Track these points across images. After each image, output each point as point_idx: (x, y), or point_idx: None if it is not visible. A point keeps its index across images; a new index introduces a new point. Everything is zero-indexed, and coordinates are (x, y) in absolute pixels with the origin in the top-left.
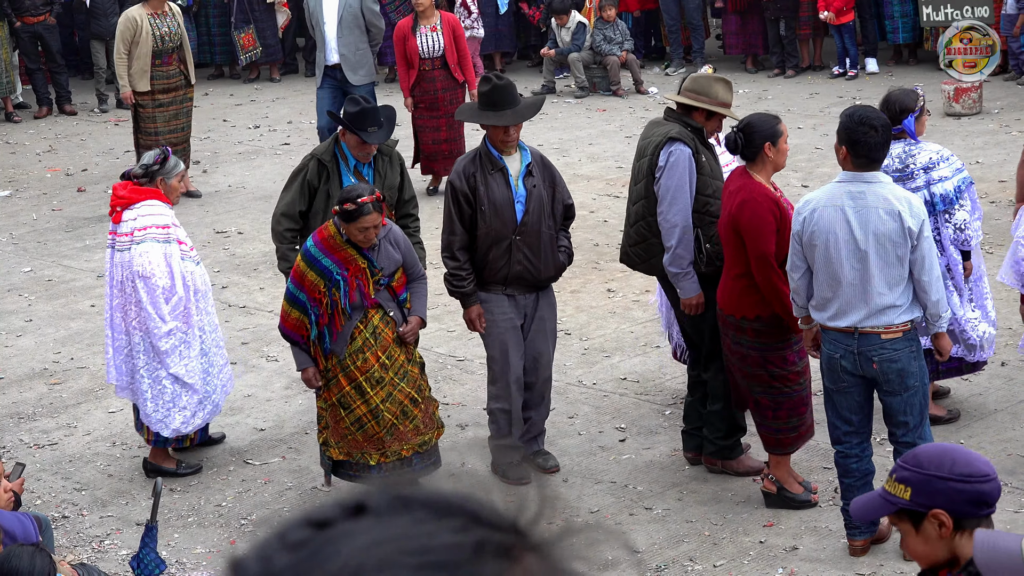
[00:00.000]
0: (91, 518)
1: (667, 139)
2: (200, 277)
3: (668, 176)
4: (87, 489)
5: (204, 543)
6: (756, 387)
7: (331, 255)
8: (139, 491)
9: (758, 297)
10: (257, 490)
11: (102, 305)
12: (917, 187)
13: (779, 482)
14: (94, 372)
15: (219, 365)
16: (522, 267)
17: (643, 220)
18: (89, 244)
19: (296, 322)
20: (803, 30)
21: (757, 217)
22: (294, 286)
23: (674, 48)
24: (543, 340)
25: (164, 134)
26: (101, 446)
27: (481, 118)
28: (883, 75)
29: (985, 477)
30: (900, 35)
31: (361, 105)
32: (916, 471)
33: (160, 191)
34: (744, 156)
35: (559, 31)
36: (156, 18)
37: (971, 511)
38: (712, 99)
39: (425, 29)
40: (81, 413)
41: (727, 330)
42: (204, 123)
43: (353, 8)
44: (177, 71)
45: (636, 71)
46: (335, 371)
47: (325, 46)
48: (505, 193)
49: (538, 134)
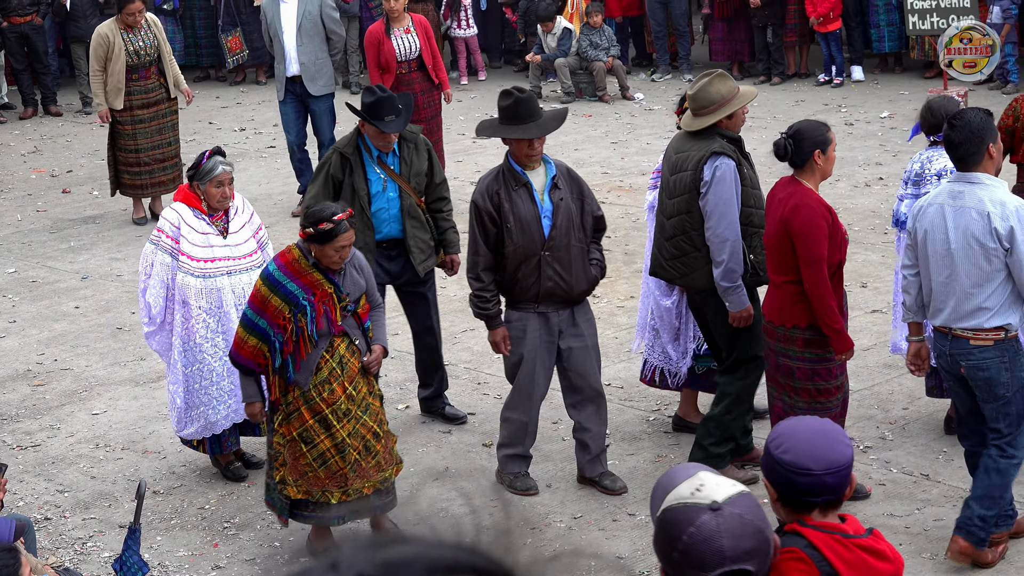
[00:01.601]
0: (74, 520)
1: (711, 153)
2: (197, 292)
3: (716, 191)
4: (70, 491)
5: (187, 546)
6: (800, 402)
7: (296, 279)
8: (122, 493)
9: (806, 305)
10: (240, 493)
11: (86, 307)
12: (925, 192)
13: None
14: (78, 374)
15: (222, 387)
16: (553, 283)
17: (684, 235)
18: (74, 245)
19: (253, 350)
20: (790, 37)
21: (811, 222)
22: (253, 312)
23: (660, 54)
24: (585, 356)
25: (147, 150)
26: (84, 448)
27: (504, 132)
28: (869, 83)
29: (803, 470)
30: (886, 43)
31: (377, 95)
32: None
33: (192, 194)
34: (793, 163)
35: (545, 37)
36: (130, 32)
37: (787, 493)
38: (720, 101)
39: (399, 32)
40: (64, 415)
41: (773, 343)
42: (190, 125)
43: (313, 15)
44: (157, 84)
45: (622, 77)
46: (297, 403)
47: (285, 57)
48: (531, 209)
49: None
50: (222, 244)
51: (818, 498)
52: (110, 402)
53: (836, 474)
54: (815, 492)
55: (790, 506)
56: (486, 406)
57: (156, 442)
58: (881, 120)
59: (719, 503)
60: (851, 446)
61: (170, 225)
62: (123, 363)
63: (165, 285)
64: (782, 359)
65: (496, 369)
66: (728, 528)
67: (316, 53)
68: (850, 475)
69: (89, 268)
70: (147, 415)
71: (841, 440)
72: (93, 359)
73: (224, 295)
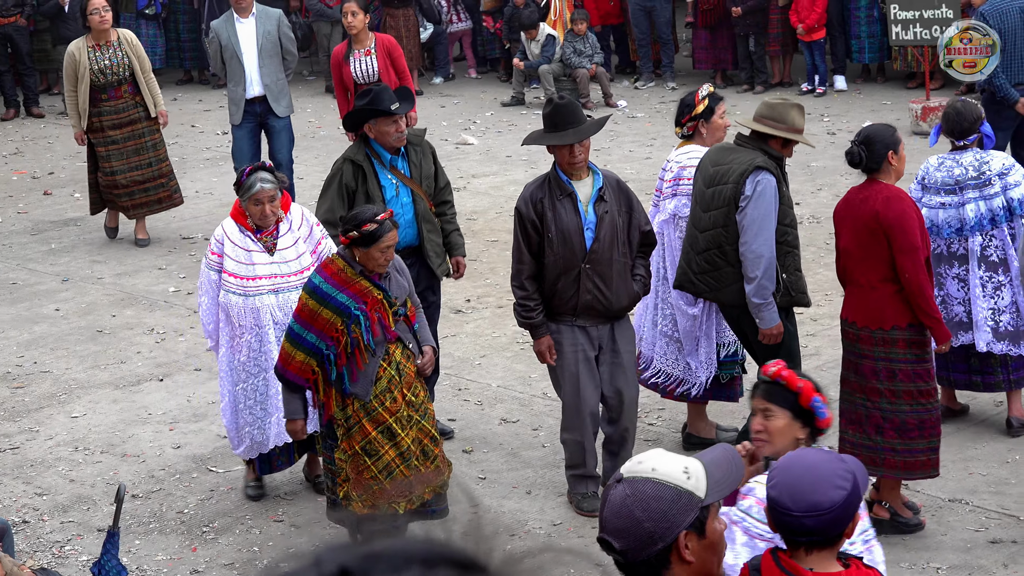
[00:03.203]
0: (52, 523)
1: (754, 168)
2: (240, 311)
3: (755, 206)
4: (48, 494)
5: (165, 550)
6: (904, 405)
7: (345, 290)
8: (101, 497)
9: (906, 304)
10: (220, 498)
11: (66, 309)
12: (995, 192)
13: (893, 508)
14: (57, 376)
15: (267, 407)
16: (592, 297)
17: (717, 248)
18: (55, 248)
19: (301, 365)
20: (772, 46)
21: (904, 212)
22: (301, 327)
23: (644, 62)
24: (622, 376)
25: (123, 172)
26: (63, 451)
27: (544, 140)
28: (851, 92)
29: (782, 509)
30: (866, 55)
31: (372, 91)
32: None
33: (240, 210)
34: (867, 168)
35: (528, 44)
36: (97, 50)
37: (775, 526)
38: (789, 126)
39: (359, 54)
40: (43, 418)
41: (870, 348)
42: (173, 128)
43: (272, 36)
44: (131, 104)
45: (606, 84)
46: (358, 416)
47: (244, 79)
48: (574, 219)
49: (506, 145)
50: (267, 262)
51: (800, 538)
52: (90, 405)
53: (817, 517)
54: (795, 532)
55: (782, 538)
56: (467, 412)
57: (135, 445)
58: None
59: (623, 477)
60: (847, 488)
61: (216, 242)
62: (103, 366)
63: (215, 303)
64: (881, 363)
65: (477, 375)
66: (612, 502)
67: (277, 73)
68: (841, 517)
69: (70, 270)
70: (127, 418)
71: (834, 482)
72: (73, 362)
73: (263, 314)
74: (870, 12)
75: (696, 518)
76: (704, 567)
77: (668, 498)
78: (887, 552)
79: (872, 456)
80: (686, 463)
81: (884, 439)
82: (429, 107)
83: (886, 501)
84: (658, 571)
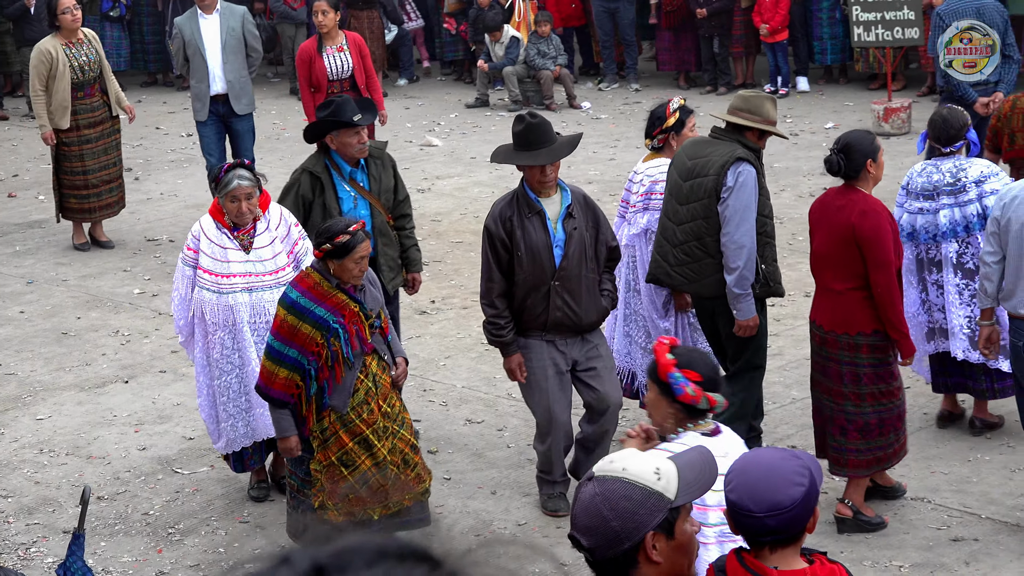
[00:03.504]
0: (17, 525)
1: (735, 159)
2: (219, 309)
3: (737, 197)
4: (13, 496)
5: (131, 552)
6: (867, 407)
7: (323, 303)
8: (66, 499)
9: (873, 311)
10: (185, 499)
11: (31, 311)
12: (970, 200)
13: (856, 507)
14: (22, 379)
15: (239, 404)
16: (562, 313)
17: (697, 240)
18: (19, 250)
19: (286, 381)
20: (736, 48)
21: (879, 226)
22: (281, 343)
23: (607, 64)
24: (604, 383)
25: (95, 172)
26: (28, 453)
27: (515, 159)
28: (814, 94)
29: (744, 512)
30: (828, 56)
31: (335, 102)
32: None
33: (218, 207)
34: (846, 175)
35: (493, 46)
36: (71, 47)
37: (737, 529)
38: (765, 118)
39: (331, 50)
40: (8, 420)
41: (836, 352)
42: (137, 131)
43: (236, 32)
44: (101, 103)
45: (569, 86)
46: (334, 428)
47: (208, 75)
48: (543, 237)
49: (471, 147)
50: (242, 260)
51: (764, 538)
52: (54, 407)
53: (778, 516)
54: (758, 532)
55: (744, 539)
56: (432, 413)
57: (101, 447)
58: (826, 131)
59: (593, 475)
60: (804, 484)
61: (192, 238)
62: (68, 368)
63: (187, 298)
64: (846, 367)
65: (442, 376)
66: (581, 500)
67: (240, 71)
68: (801, 514)
69: (35, 272)
70: (92, 420)
71: (792, 480)
72: (38, 364)
73: (239, 312)
74: (832, 14)
75: (664, 519)
76: (673, 568)
77: (637, 498)
78: (851, 550)
79: (837, 456)
80: (658, 464)
81: (848, 440)
82: (393, 109)
83: (849, 499)
84: (626, 570)
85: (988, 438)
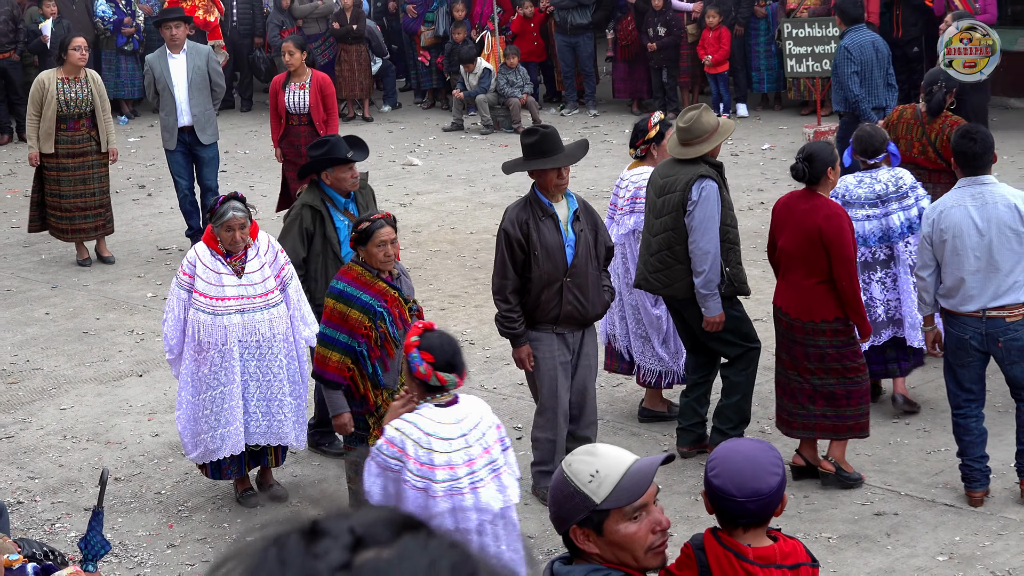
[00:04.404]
0: (43, 504)
1: (698, 176)
2: (209, 329)
3: (701, 209)
4: (40, 478)
5: (145, 527)
6: (831, 380)
7: (367, 290)
8: (87, 480)
9: (836, 301)
10: (193, 480)
11: (55, 313)
12: (911, 203)
13: (838, 464)
14: (47, 373)
15: (220, 418)
16: (572, 307)
17: (668, 249)
18: (44, 258)
19: (338, 364)
20: (683, 78)
21: (842, 228)
22: (332, 329)
23: (569, 92)
24: (589, 375)
25: (69, 198)
26: (53, 439)
27: (535, 165)
28: (752, 119)
29: (727, 496)
30: (765, 85)
31: (328, 142)
32: (708, 461)
33: (212, 236)
34: (809, 181)
35: (467, 76)
36: (66, 83)
37: (716, 511)
38: (711, 132)
39: (294, 87)
40: (35, 409)
41: (798, 336)
42: (150, 152)
43: (201, 70)
44: (87, 137)
45: (535, 111)
46: (387, 405)
47: (176, 109)
48: (556, 238)
49: (447, 166)
50: (236, 284)
51: (742, 520)
52: (76, 398)
53: (758, 502)
54: (738, 515)
55: (719, 519)
56: None
57: (118, 434)
58: (763, 151)
59: (564, 460)
60: (780, 474)
61: (188, 263)
62: (88, 363)
63: (180, 319)
64: (811, 349)
65: None
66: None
67: (205, 105)
68: (775, 500)
69: (58, 278)
70: (110, 410)
71: (769, 469)
72: (61, 360)
73: (231, 332)
74: (768, 47)
75: (587, 518)
76: (615, 556)
77: (566, 494)
78: (786, 524)
79: (806, 423)
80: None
81: (816, 407)
82: (378, 132)
83: (831, 456)
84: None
85: (907, 424)
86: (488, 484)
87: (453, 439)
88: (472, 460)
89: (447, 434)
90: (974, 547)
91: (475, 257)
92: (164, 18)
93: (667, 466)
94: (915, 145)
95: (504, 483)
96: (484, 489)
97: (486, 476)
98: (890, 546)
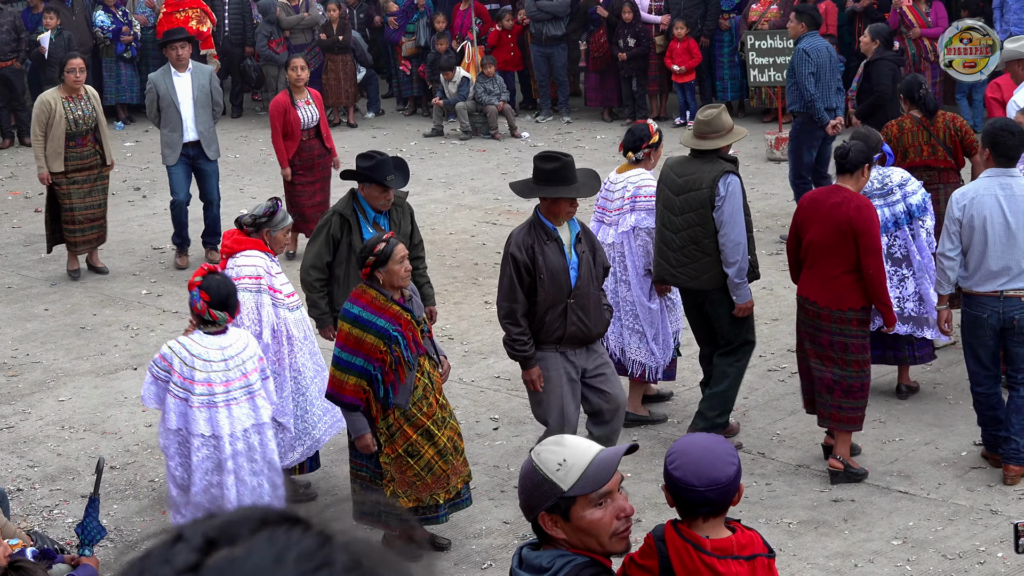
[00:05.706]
0: (42, 491)
1: (723, 172)
2: (295, 324)
3: (729, 203)
4: (39, 466)
5: (139, 514)
6: (852, 372)
7: (382, 315)
8: (84, 468)
9: (862, 291)
10: None
11: (54, 309)
12: (896, 200)
13: (846, 461)
14: (46, 366)
15: (319, 405)
16: (576, 327)
17: (695, 244)
18: (43, 257)
19: (355, 387)
20: (651, 87)
21: (872, 220)
22: (347, 354)
23: (543, 100)
24: (612, 385)
25: (80, 210)
26: (52, 429)
27: (554, 192)
28: None
29: (688, 486)
30: (729, 94)
31: (376, 158)
32: (667, 455)
33: (263, 242)
34: (845, 168)
35: (446, 84)
36: (70, 101)
37: (677, 502)
38: (727, 130)
39: (302, 103)
40: (35, 401)
41: (828, 324)
42: (144, 156)
43: (205, 88)
44: (92, 151)
45: (511, 118)
46: (399, 423)
47: (181, 125)
48: (560, 261)
49: (428, 170)
50: (285, 281)
51: (702, 509)
52: (74, 390)
53: (717, 490)
54: (698, 504)
55: (680, 511)
56: None
57: (113, 424)
58: None
59: (532, 450)
60: (735, 463)
61: (261, 270)
62: (85, 357)
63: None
64: (837, 338)
65: None
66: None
67: (208, 122)
68: (733, 488)
69: (57, 276)
70: (106, 401)
71: (726, 459)
72: (60, 353)
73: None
74: (732, 58)
75: (555, 505)
76: (581, 541)
77: (534, 482)
78: (748, 510)
79: (822, 411)
80: (568, 456)
81: (832, 398)
82: (362, 137)
83: (840, 455)
84: (543, 533)
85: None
86: (242, 403)
87: (214, 362)
88: (229, 382)
89: (209, 357)
90: (927, 532)
91: (454, 256)
92: (170, 39)
93: (636, 456)
94: (924, 149)
95: (257, 404)
96: (237, 406)
97: (240, 396)
98: (847, 531)
